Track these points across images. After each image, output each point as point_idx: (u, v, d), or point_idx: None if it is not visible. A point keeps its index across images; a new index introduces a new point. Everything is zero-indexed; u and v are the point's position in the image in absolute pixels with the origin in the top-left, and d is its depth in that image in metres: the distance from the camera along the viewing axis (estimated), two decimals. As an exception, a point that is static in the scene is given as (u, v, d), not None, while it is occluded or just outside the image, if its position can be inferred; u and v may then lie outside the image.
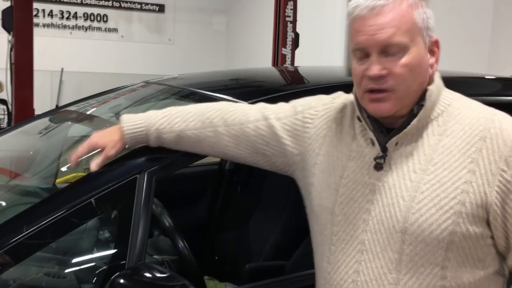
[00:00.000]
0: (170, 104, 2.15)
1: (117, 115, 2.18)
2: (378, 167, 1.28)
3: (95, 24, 7.56)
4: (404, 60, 1.22)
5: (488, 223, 1.23)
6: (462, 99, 1.33)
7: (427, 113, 1.27)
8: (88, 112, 2.30)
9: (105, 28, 7.64)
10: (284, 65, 5.51)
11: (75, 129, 2.30)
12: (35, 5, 6.27)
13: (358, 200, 1.30)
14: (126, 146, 1.48)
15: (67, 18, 7.38)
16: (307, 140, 1.43)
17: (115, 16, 7.67)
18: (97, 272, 1.53)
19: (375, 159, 1.29)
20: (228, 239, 2.87)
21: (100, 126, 1.93)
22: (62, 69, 7.21)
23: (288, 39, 5.67)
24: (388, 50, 1.22)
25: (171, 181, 2.73)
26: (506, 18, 5.13)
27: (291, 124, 1.46)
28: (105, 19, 7.61)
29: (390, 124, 1.30)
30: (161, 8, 7.92)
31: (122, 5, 7.68)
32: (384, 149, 1.28)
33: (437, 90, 1.29)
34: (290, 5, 5.61)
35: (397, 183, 1.26)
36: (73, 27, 7.43)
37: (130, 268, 1.33)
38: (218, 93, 1.82)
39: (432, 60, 1.29)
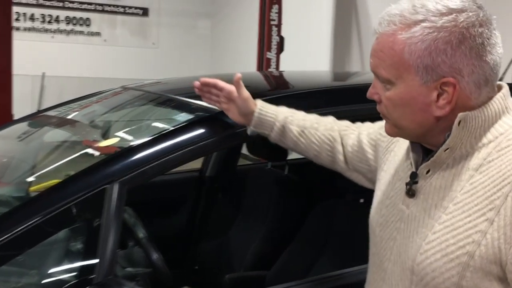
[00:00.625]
0: (147, 110, 2.10)
1: (92, 122, 2.11)
2: (411, 193, 1.18)
3: (78, 28, 7.46)
4: (388, 93, 1.12)
5: (507, 280, 1.06)
6: None
7: (459, 141, 1.10)
8: (63, 118, 2.23)
9: (88, 32, 7.54)
10: (269, 70, 5.46)
11: (51, 135, 2.23)
12: (16, 8, 6.19)
13: (390, 226, 1.24)
14: (249, 126, 1.55)
15: (49, 22, 7.28)
16: (380, 154, 1.40)
17: (98, 20, 7.58)
18: (65, 287, 1.45)
19: (406, 184, 1.20)
20: (208, 247, 2.81)
21: (77, 132, 1.88)
22: (44, 73, 7.11)
23: (273, 43, 5.63)
24: (377, 77, 1.14)
25: (150, 189, 2.66)
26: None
27: (375, 139, 1.45)
28: (87, 23, 7.52)
29: (434, 148, 1.17)
30: (145, 12, 7.84)
31: (105, 9, 7.59)
32: (414, 176, 1.18)
33: (485, 115, 1.09)
34: (275, 8, 5.57)
35: (418, 215, 1.15)
36: (55, 31, 7.33)
37: (98, 283, 1.27)
38: (197, 100, 1.77)
39: (442, 102, 1.08)
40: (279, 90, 2.32)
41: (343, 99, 1.92)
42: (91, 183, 1.36)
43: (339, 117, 1.62)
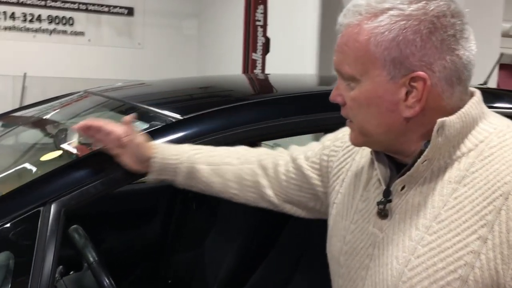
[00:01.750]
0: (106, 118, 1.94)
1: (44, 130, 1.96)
2: (383, 214, 1.05)
3: (60, 27, 7.27)
4: (353, 93, 1.01)
5: None
6: (507, 133, 1.00)
7: (439, 151, 0.98)
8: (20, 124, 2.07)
9: (71, 32, 7.35)
10: (254, 72, 5.33)
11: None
12: (-4, 7, 6.02)
13: (360, 253, 1.09)
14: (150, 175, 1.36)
15: (31, 21, 7.08)
16: (331, 176, 1.25)
17: (81, 19, 7.39)
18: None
19: (377, 203, 1.06)
20: (182, 261, 2.66)
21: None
22: (25, 74, 6.92)
23: (258, 44, 5.48)
24: (341, 76, 1.03)
25: (119, 199, 2.52)
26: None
27: (319, 162, 1.29)
28: (71, 22, 7.33)
29: (405, 160, 1.04)
30: (130, 11, 7.67)
31: (89, 8, 7.41)
32: (387, 193, 1.05)
33: (463, 121, 0.98)
34: (260, 9, 5.42)
35: (396, 238, 1.01)
36: (36, 30, 7.12)
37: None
38: (163, 108, 1.62)
39: (411, 100, 0.97)
40: (254, 96, 2.17)
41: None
42: (22, 204, 1.20)
43: (327, 123, 1.49)
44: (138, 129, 1.37)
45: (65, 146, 1.71)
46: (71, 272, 1.91)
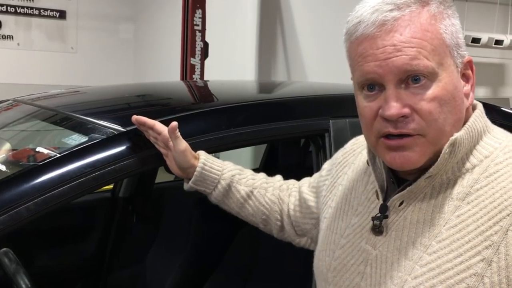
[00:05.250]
0: (32, 134, 1.79)
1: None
2: (377, 230, 0.98)
3: (-13, 30, 6.93)
4: (432, 92, 0.89)
5: None
6: None
7: (444, 167, 0.92)
8: None
9: (-1, 35, 7.02)
10: (193, 78, 5.22)
11: None
12: None
13: (350, 270, 1.02)
14: (188, 183, 1.37)
15: (-46, 23, 6.71)
16: (324, 193, 1.20)
17: (10, 22, 7.05)
18: None
19: (372, 219, 0.99)
20: (122, 278, 2.52)
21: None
22: (-51, 79, 6.54)
23: (197, 49, 5.38)
24: (409, 79, 0.89)
25: (52, 214, 2.36)
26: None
27: (317, 182, 1.29)
28: (-2, 25, 6.99)
29: (406, 175, 0.97)
30: (62, 15, 7.37)
31: (18, 11, 7.08)
32: (383, 209, 0.98)
33: (470, 136, 0.93)
34: (198, 13, 5.32)
35: (391, 257, 0.94)
36: (-40, 33, 6.76)
37: None
38: (101, 118, 1.50)
39: (467, 87, 0.94)
40: (200, 105, 2.07)
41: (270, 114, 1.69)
42: None
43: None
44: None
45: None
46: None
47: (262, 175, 1.43)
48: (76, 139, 1.44)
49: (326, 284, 1.07)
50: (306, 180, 1.37)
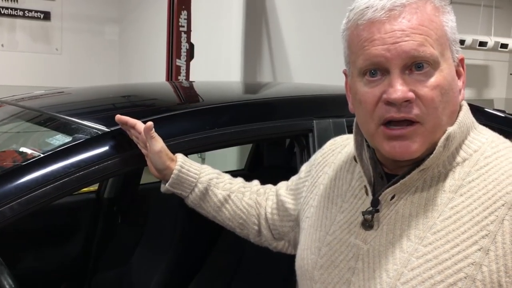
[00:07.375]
0: (16, 135, 1.79)
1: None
2: (367, 225, 0.99)
3: (-30, 31, 6.87)
4: (434, 80, 0.91)
5: None
6: (500, 144, 0.98)
7: (437, 161, 0.94)
8: None
9: (-18, 37, 6.97)
10: (178, 79, 5.22)
11: None
12: None
13: (340, 266, 1.02)
14: (165, 184, 1.36)
15: None
16: (303, 193, 1.21)
17: (-7, 23, 7.02)
18: None
19: (363, 213, 0.99)
20: (107, 278, 2.52)
21: None
22: None
23: (182, 50, 5.37)
24: (413, 65, 0.90)
25: (36, 214, 2.35)
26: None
27: (295, 184, 1.30)
28: (-19, 26, 6.94)
29: (394, 170, 0.99)
30: (46, 16, 7.33)
31: (2, 12, 7.03)
32: (375, 203, 0.98)
33: (461, 131, 0.96)
34: (183, 14, 5.32)
35: (384, 250, 0.95)
36: None
37: None
38: (86, 119, 1.50)
39: (460, 83, 0.97)
40: (172, 107, 2.08)
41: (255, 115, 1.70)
42: None
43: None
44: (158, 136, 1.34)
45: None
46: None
47: (239, 180, 1.42)
48: (60, 139, 1.44)
49: (312, 283, 1.07)
50: (283, 184, 1.37)
